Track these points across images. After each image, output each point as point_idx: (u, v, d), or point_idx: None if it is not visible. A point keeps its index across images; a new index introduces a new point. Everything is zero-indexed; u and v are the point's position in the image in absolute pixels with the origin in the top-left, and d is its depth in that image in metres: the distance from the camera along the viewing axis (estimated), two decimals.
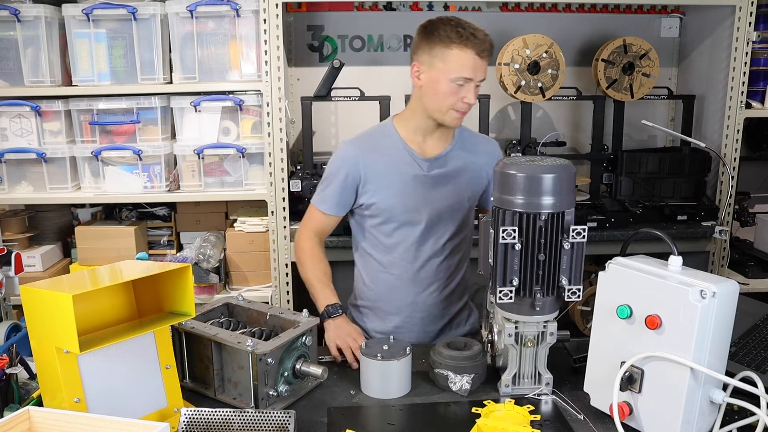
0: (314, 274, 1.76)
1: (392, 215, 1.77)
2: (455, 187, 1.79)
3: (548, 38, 2.41)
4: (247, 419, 1.18)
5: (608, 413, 1.26)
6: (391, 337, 1.49)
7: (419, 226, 1.77)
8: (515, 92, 2.44)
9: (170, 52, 2.42)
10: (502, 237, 1.29)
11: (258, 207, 2.67)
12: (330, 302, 1.69)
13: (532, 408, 1.31)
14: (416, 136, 1.78)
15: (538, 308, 1.34)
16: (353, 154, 1.78)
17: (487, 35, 1.65)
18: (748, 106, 2.53)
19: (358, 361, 1.54)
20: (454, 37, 1.62)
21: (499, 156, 1.87)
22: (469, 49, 1.61)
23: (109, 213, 2.74)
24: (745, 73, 2.47)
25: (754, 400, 1.17)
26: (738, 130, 2.52)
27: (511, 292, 1.31)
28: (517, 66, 2.41)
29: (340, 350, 1.59)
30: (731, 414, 1.24)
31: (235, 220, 2.63)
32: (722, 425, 1.21)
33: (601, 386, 1.30)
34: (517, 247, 1.30)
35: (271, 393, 1.33)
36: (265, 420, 1.18)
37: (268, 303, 2.28)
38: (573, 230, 1.30)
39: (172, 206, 2.71)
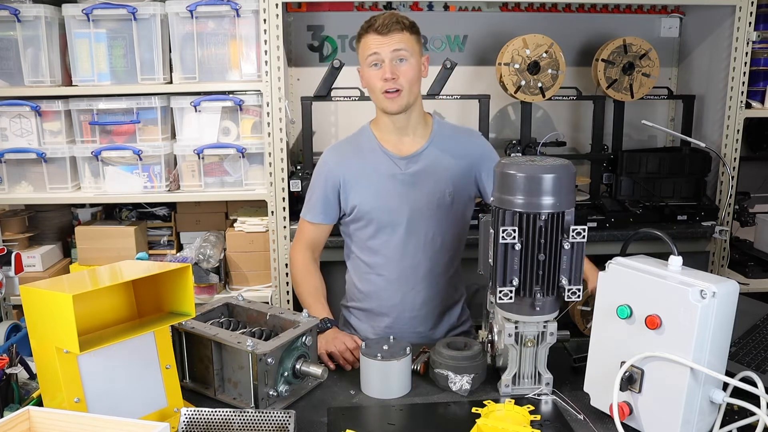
0: (306, 290, 1.80)
1: (373, 217, 1.79)
2: (435, 184, 1.78)
3: (548, 38, 2.41)
4: (247, 419, 1.18)
5: (608, 413, 1.26)
6: (391, 337, 1.49)
7: (401, 224, 1.78)
8: (515, 92, 2.44)
9: (170, 52, 2.42)
10: (502, 237, 1.29)
11: (258, 207, 2.67)
12: (321, 317, 1.69)
13: (532, 408, 1.31)
14: (390, 136, 1.81)
15: (538, 308, 1.34)
16: (332, 159, 1.84)
17: (393, 14, 1.72)
18: (748, 106, 2.53)
19: (349, 362, 1.55)
20: (360, 29, 1.74)
21: (483, 145, 1.87)
22: (370, 33, 1.71)
23: (109, 213, 2.75)
24: (745, 73, 2.47)
25: (754, 400, 1.17)
26: (738, 130, 2.52)
27: (511, 292, 1.32)
28: (517, 66, 2.41)
29: (331, 359, 1.58)
30: (731, 414, 1.24)
31: (235, 220, 2.63)
32: (722, 425, 1.21)
33: (601, 386, 1.30)
34: (517, 247, 1.30)
35: (271, 393, 1.33)
36: (265, 420, 1.18)
37: (268, 303, 2.28)
38: (573, 230, 1.30)
39: (172, 206, 2.71)
